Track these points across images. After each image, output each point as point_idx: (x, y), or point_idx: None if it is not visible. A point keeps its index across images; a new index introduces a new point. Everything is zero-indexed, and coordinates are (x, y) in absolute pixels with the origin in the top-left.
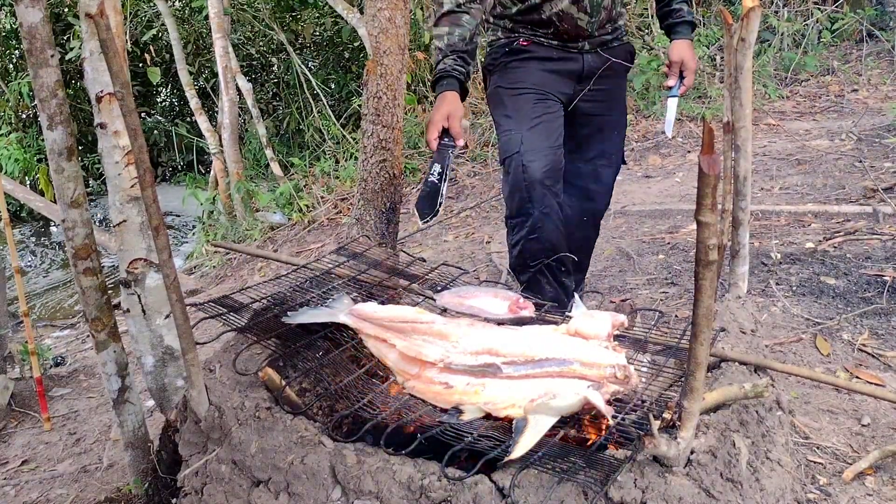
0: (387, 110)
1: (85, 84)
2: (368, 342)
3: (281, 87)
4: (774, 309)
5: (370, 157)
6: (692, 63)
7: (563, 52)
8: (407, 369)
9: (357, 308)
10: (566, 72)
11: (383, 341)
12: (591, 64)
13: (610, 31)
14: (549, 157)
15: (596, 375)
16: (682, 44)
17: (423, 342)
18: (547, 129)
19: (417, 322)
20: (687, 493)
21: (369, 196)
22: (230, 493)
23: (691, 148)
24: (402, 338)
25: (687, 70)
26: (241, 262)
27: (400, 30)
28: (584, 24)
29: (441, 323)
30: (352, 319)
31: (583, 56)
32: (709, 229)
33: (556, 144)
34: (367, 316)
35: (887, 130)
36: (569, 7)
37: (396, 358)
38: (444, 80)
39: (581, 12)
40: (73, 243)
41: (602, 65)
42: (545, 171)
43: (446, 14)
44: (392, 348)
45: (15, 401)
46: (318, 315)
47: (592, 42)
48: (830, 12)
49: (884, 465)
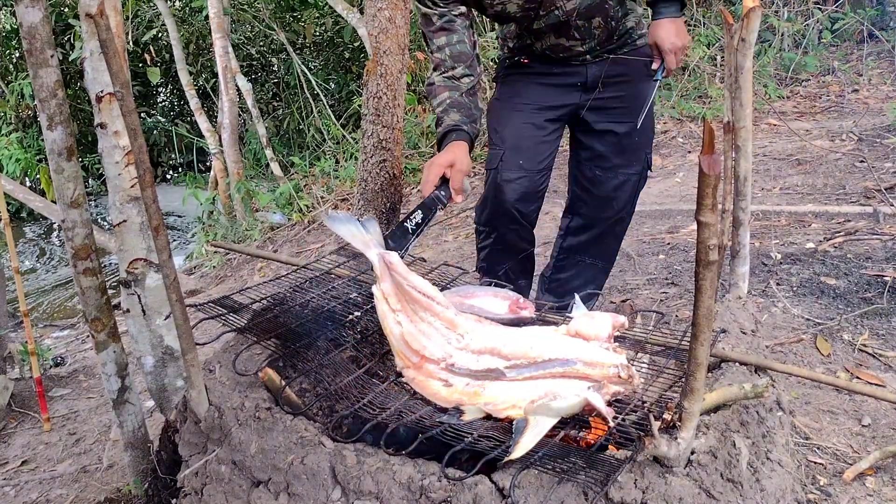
0: (387, 110)
1: (85, 84)
2: (378, 304)
3: (281, 87)
4: (775, 309)
5: (370, 157)
6: (667, 43)
7: (564, 67)
8: (408, 355)
9: (388, 256)
10: (568, 83)
11: (392, 312)
12: (597, 72)
13: (615, 41)
14: (524, 182)
15: (599, 375)
16: (659, 23)
17: (429, 329)
18: (530, 152)
19: (435, 301)
20: (687, 494)
21: (369, 196)
22: (230, 494)
23: (691, 148)
24: (410, 318)
25: (664, 52)
26: (241, 263)
27: (400, 30)
28: (581, 48)
29: (454, 312)
30: (379, 264)
31: (586, 67)
32: (709, 229)
33: (538, 168)
34: (394, 267)
35: (888, 130)
36: (556, 41)
37: (399, 338)
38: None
39: (572, 41)
40: (73, 243)
41: (611, 71)
42: (518, 195)
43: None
44: (398, 325)
45: (15, 401)
46: (354, 236)
47: (595, 54)
48: (831, 12)
49: (884, 465)
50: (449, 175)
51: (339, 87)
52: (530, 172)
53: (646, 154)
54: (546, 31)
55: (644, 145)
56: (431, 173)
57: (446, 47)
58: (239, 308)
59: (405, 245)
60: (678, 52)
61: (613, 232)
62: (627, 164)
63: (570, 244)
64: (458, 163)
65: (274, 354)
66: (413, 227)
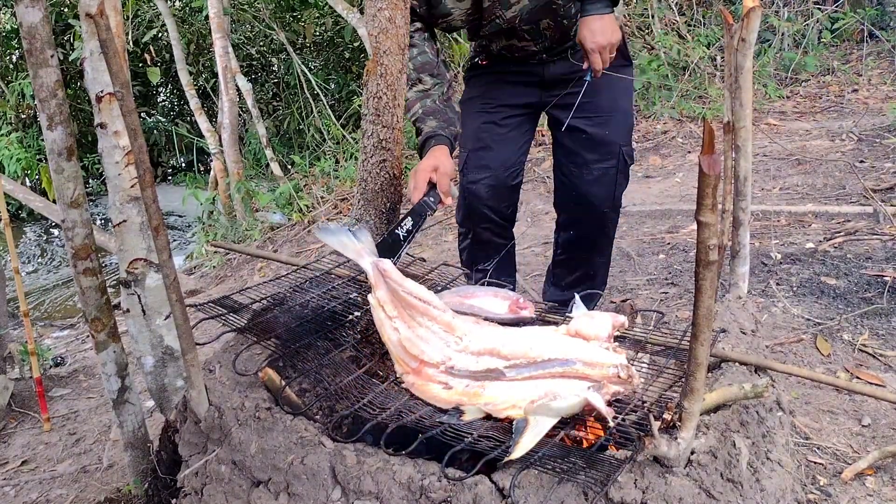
0: (387, 110)
1: (85, 84)
2: (375, 311)
3: (281, 87)
4: (775, 309)
5: (370, 157)
6: (588, 42)
7: (521, 66)
8: (406, 361)
9: (382, 263)
10: (526, 81)
11: (389, 318)
12: (555, 71)
13: (572, 37)
14: (490, 181)
15: (598, 375)
16: (583, 21)
17: (427, 333)
18: (493, 150)
19: (431, 305)
20: (687, 494)
21: (369, 196)
22: (230, 494)
23: (691, 148)
24: (408, 324)
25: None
26: (241, 263)
27: (400, 30)
28: (536, 48)
29: (451, 315)
30: (373, 272)
31: (543, 66)
32: (709, 229)
33: (504, 166)
34: (388, 274)
35: (888, 130)
36: (508, 42)
37: (397, 345)
38: (431, 140)
39: (524, 42)
40: (73, 243)
41: (570, 71)
42: (487, 194)
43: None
44: (395, 332)
45: (15, 401)
46: (346, 246)
47: (553, 52)
48: (831, 12)
49: (884, 465)
50: (435, 180)
51: (339, 87)
52: (496, 170)
53: (621, 148)
54: (495, 36)
55: (618, 139)
56: (419, 179)
57: (409, 61)
58: (239, 308)
59: (398, 252)
60: (603, 51)
61: (600, 229)
62: (600, 160)
63: (564, 239)
64: (441, 166)
65: (274, 354)
66: (404, 234)
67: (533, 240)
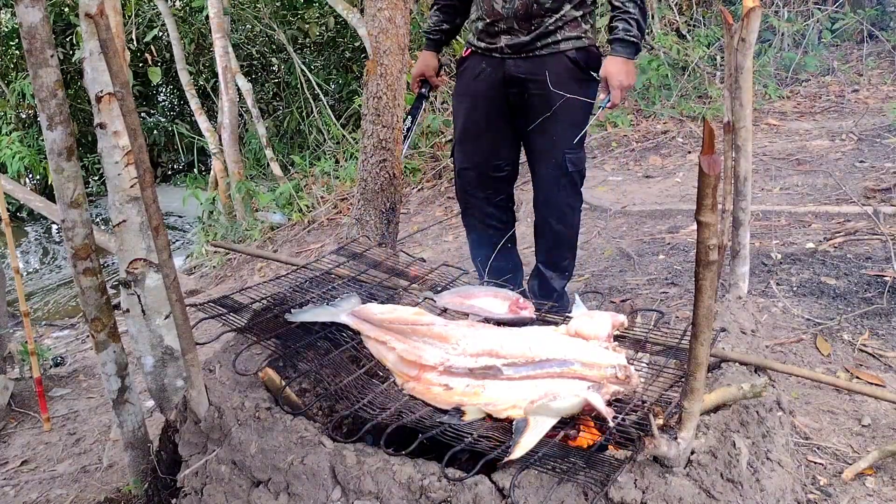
0: (387, 110)
1: (85, 84)
2: (369, 343)
3: (281, 87)
4: (775, 309)
5: (370, 157)
6: (615, 80)
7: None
8: (406, 371)
9: (359, 309)
10: (493, 79)
11: (383, 343)
12: (513, 70)
13: (528, 33)
14: (473, 172)
15: (597, 376)
16: (613, 60)
17: (422, 344)
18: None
19: (417, 324)
20: (687, 494)
21: (369, 196)
22: (230, 494)
23: (692, 148)
24: (402, 340)
25: (612, 87)
26: (241, 263)
27: (400, 30)
28: (500, 7)
29: (441, 325)
30: (353, 320)
31: (504, 61)
32: (709, 229)
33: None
34: (368, 317)
35: (888, 130)
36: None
37: (396, 360)
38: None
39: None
40: (73, 243)
41: (528, 73)
42: (471, 183)
43: None
44: (392, 350)
45: (14, 401)
46: (320, 314)
47: (512, 44)
48: (831, 12)
49: (884, 465)
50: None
51: (340, 87)
52: (478, 163)
53: (564, 155)
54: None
55: (560, 146)
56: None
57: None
58: (239, 308)
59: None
60: (623, 90)
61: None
62: (541, 162)
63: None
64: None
65: (274, 354)
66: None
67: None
